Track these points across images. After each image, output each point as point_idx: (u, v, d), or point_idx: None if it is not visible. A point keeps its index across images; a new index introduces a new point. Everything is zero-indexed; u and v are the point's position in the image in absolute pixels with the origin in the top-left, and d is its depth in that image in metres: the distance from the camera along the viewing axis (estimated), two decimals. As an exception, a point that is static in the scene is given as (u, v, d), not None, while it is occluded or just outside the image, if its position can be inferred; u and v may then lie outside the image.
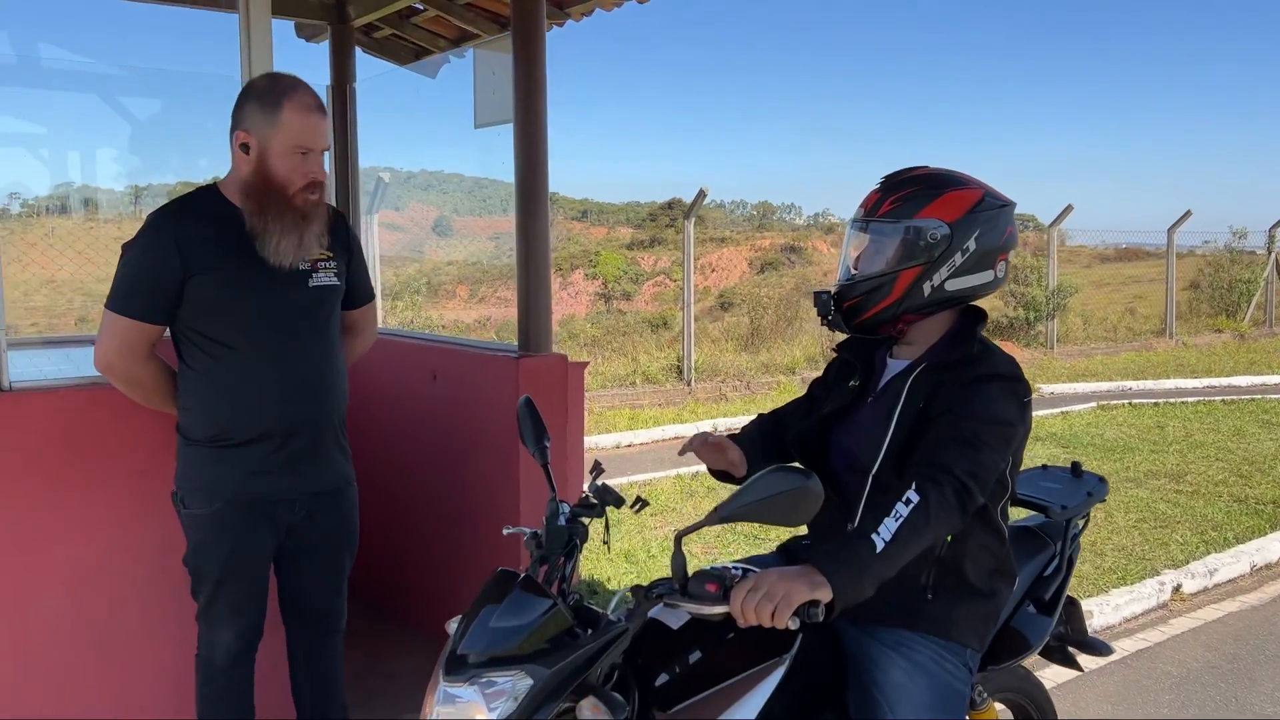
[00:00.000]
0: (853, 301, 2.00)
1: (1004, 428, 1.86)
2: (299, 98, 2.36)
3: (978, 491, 1.80)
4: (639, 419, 9.54)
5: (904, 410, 1.93)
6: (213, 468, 2.43)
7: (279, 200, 2.36)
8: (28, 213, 19.04)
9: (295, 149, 2.34)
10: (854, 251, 2.04)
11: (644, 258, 35.12)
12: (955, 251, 1.95)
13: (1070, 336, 15.50)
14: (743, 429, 2.29)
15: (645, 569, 5.13)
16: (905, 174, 2.04)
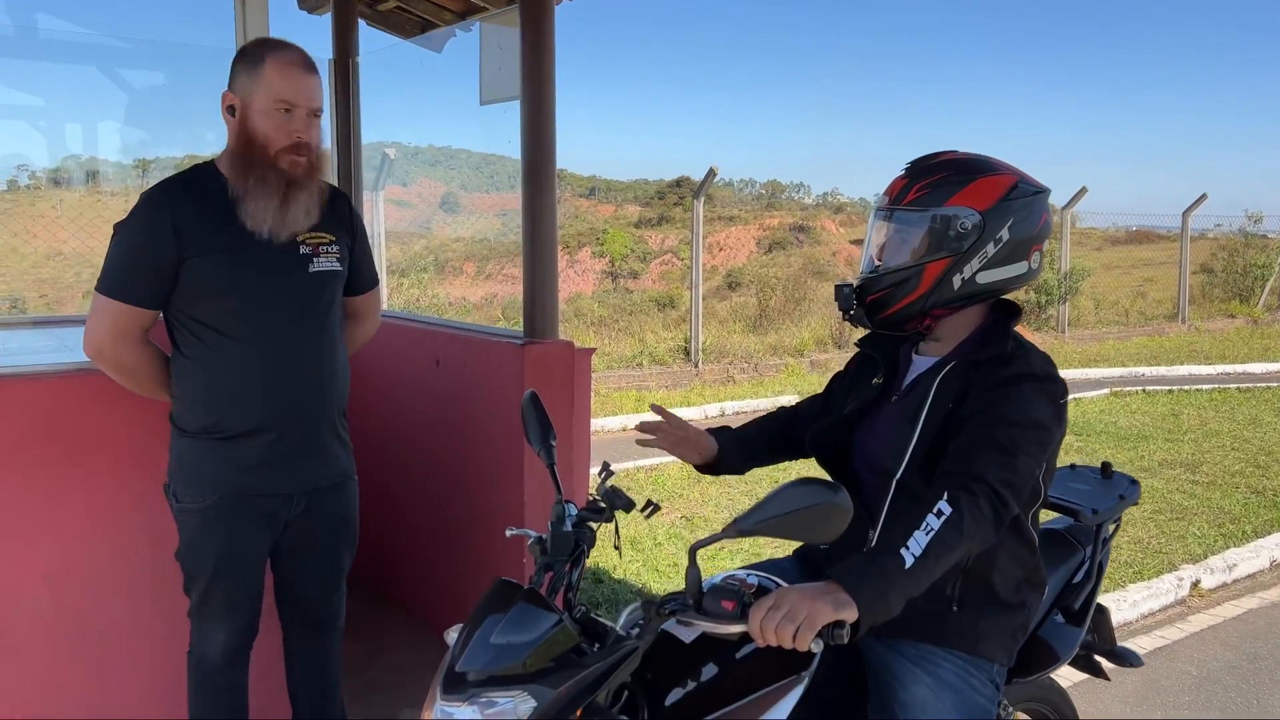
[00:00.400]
0: (877, 295, 1.88)
1: (1040, 431, 1.75)
2: (283, 53, 2.25)
3: (1013, 501, 1.69)
4: (645, 401, 9.43)
5: (931, 411, 1.82)
6: (206, 461, 2.32)
7: (260, 161, 2.24)
8: (35, 185, 18.97)
9: (277, 104, 2.22)
10: (878, 241, 1.92)
11: (651, 236, 34.93)
12: (987, 242, 1.84)
13: (1081, 320, 15.34)
14: (742, 425, 2.21)
15: (651, 557, 5.04)
16: (932, 159, 1.92)
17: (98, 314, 2.24)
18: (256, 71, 2.22)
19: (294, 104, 2.23)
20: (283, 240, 2.29)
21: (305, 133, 2.26)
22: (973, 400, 1.78)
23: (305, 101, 2.24)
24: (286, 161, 2.25)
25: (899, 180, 1.91)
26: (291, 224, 2.29)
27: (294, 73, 2.23)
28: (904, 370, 1.99)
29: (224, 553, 2.34)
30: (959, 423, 1.78)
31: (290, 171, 2.25)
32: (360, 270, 2.54)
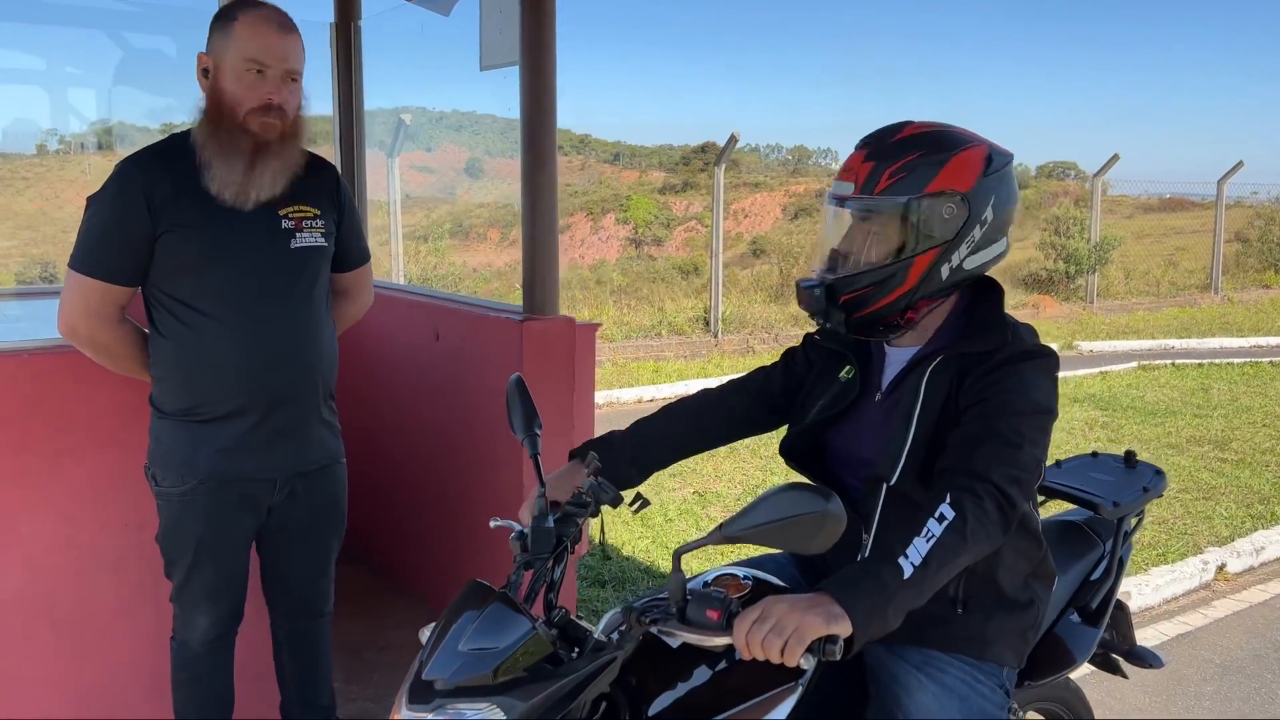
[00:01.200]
0: (854, 294, 1.70)
1: (1043, 416, 1.63)
2: (257, 11, 2.13)
3: (1020, 498, 1.56)
4: (662, 372, 9.34)
5: (924, 410, 1.68)
6: (186, 444, 2.23)
7: (229, 124, 2.12)
8: (64, 150, 19.07)
9: (248, 64, 2.10)
10: (845, 234, 1.74)
11: (676, 202, 34.68)
12: (974, 225, 1.68)
13: (1111, 290, 15.06)
14: (644, 420, 1.96)
15: (661, 534, 4.95)
16: (894, 135, 1.71)
17: (70, 291, 2.15)
18: (228, 31, 2.11)
19: (265, 64, 2.11)
20: (251, 209, 2.17)
21: (277, 94, 2.14)
22: (969, 389, 1.65)
23: (278, 62, 2.13)
24: (257, 124, 2.13)
25: (861, 164, 1.69)
26: (257, 189, 2.16)
27: (267, 30, 2.11)
28: (879, 365, 1.83)
29: (204, 538, 2.26)
30: (955, 415, 1.65)
31: (260, 134, 2.14)
32: (349, 246, 2.43)
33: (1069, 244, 14.84)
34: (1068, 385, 8.65)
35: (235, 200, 2.15)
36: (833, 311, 1.72)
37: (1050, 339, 11.31)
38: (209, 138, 2.14)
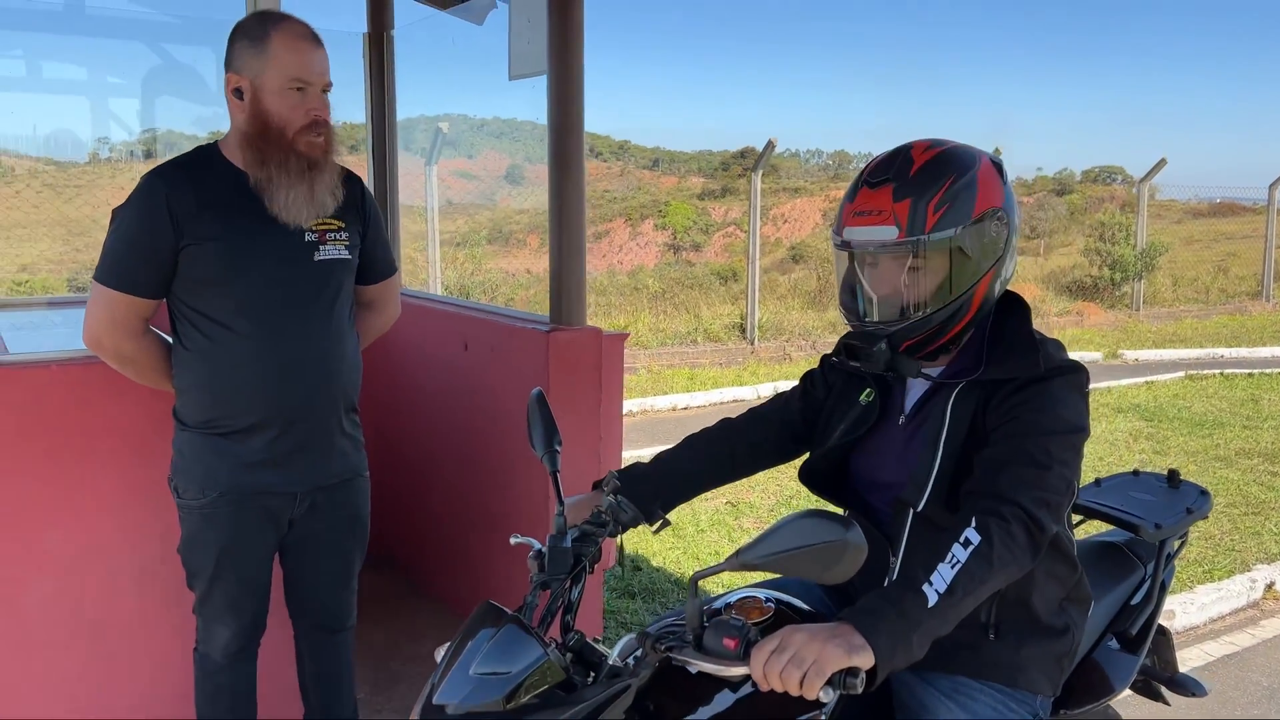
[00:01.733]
0: (920, 337, 1.64)
1: (1075, 435, 1.56)
2: (289, 27, 2.11)
3: (1049, 522, 1.50)
4: (697, 379, 9.28)
5: (950, 435, 1.62)
6: (206, 456, 2.23)
7: (281, 145, 2.11)
8: (115, 157, 19.45)
9: (291, 83, 2.09)
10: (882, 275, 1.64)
11: (715, 208, 34.57)
12: (1013, 236, 1.65)
13: (1158, 297, 14.75)
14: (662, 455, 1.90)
15: (694, 544, 4.90)
16: (912, 166, 1.62)
17: (95, 304, 2.16)
18: (263, 49, 2.08)
19: (308, 81, 2.10)
20: (289, 227, 2.18)
21: (323, 110, 2.14)
22: (996, 409, 1.59)
23: (319, 78, 2.12)
24: (304, 143, 2.12)
25: (894, 203, 1.59)
26: (319, 210, 2.18)
27: (304, 47, 2.10)
28: (899, 387, 1.77)
29: (224, 551, 2.26)
30: (982, 436, 1.60)
31: (309, 153, 2.13)
32: (374, 258, 2.41)
33: (1114, 250, 14.56)
34: (1111, 395, 8.47)
35: (303, 223, 2.16)
36: (899, 360, 1.66)
37: (1094, 347, 11.11)
38: (259, 163, 2.12)
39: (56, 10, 5.29)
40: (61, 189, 22.73)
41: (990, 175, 1.64)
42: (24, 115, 17.83)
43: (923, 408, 1.70)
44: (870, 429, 1.75)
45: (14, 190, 20.39)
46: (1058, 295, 14.86)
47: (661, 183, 40.36)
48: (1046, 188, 33.44)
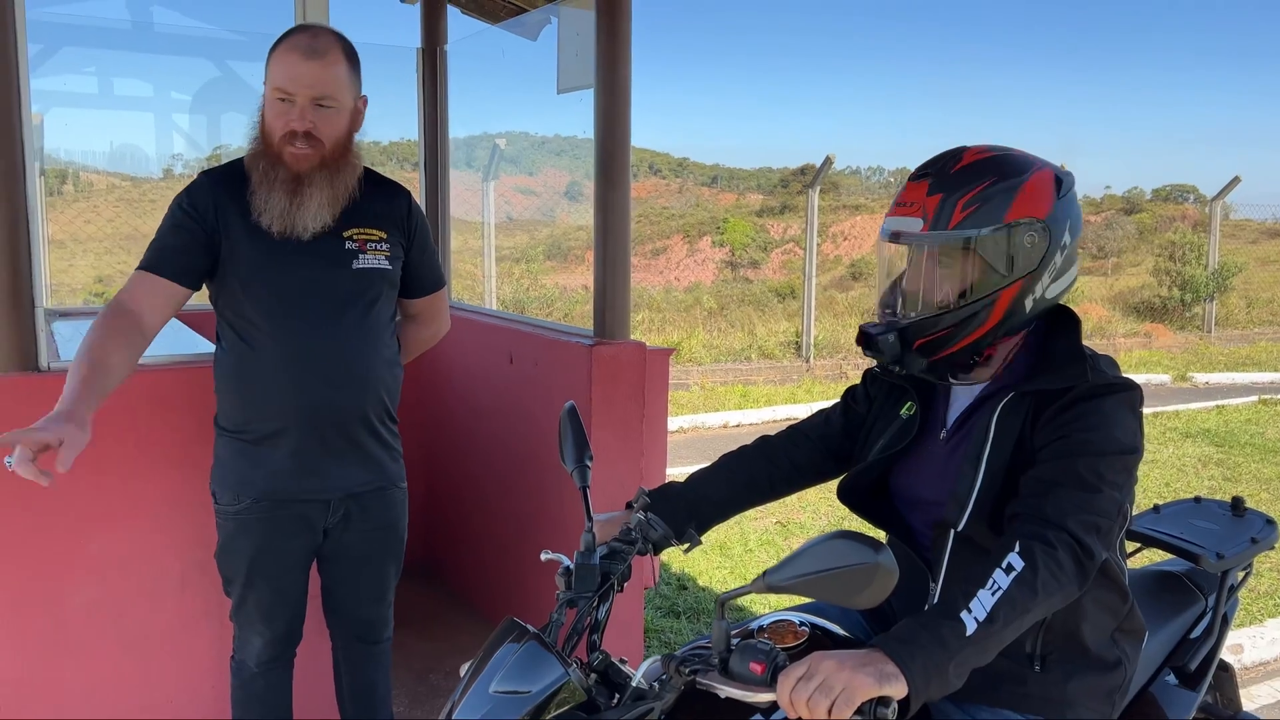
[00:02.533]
0: (934, 336, 1.58)
1: (1127, 456, 1.48)
2: (290, 40, 2.12)
3: (1098, 547, 1.42)
4: (750, 397, 9.19)
5: (994, 451, 1.55)
6: (239, 462, 2.24)
7: (269, 154, 2.14)
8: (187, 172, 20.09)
9: (276, 93, 2.10)
10: (918, 272, 1.61)
11: (773, 225, 34.41)
12: (1055, 252, 1.56)
13: (1231, 319, 14.31)
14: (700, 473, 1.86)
15: (741, 564, 4.83)
16: (955, 164, 1.58)
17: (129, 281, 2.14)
18: (268, 62, 2.13)
19: (290, 92, 2.09)
20: (328, 235, 2.18)
21: (300, 122, 2.10)
22: (1045, 427, 1.51)
23: (303, 89, 2.09)
24: (287, 154, 2.12)
25: (925, 198, 1.57)
26: (302, 223, 2.14)
27: (292, 59, 2.09)
28: (943, 400, 1.70)
29: (256, 558, 2.26)
30: (1029, 455, 1.52)
31: (292, 165, 2.12)
32: (421, 272, 2.41)
33: (1185, 270, 14.16)
34: (1180, 419, 8.21)
35: (282, 232, 2.14)
36: (909, 356, 1.60)
37: (1163, 369, 10.79)
38: (253, 169, 2.16)
39: (125, 29, 5.44)
40: (135, 203, 23.43)
41: (1041, 187, 1.57)
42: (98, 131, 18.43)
43: (965, 422, 1.64)
44: (911, 444, 1.69)
45: (91, 204, 21.07)
46: (1125, 316, 14.49)
47: (720, 199, 40.28)
48: (1115, 206, 32.69)
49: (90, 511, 2.47)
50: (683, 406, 8.64)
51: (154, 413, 2.50)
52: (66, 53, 5.06)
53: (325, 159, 2.14)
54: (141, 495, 2.52)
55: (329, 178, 2.15)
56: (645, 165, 42.48)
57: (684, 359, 10.47)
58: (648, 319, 13.54)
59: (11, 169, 2.35)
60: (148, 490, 2.52)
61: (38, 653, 2.46)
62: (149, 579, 2.56)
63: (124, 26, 5.58)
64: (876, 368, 1.80)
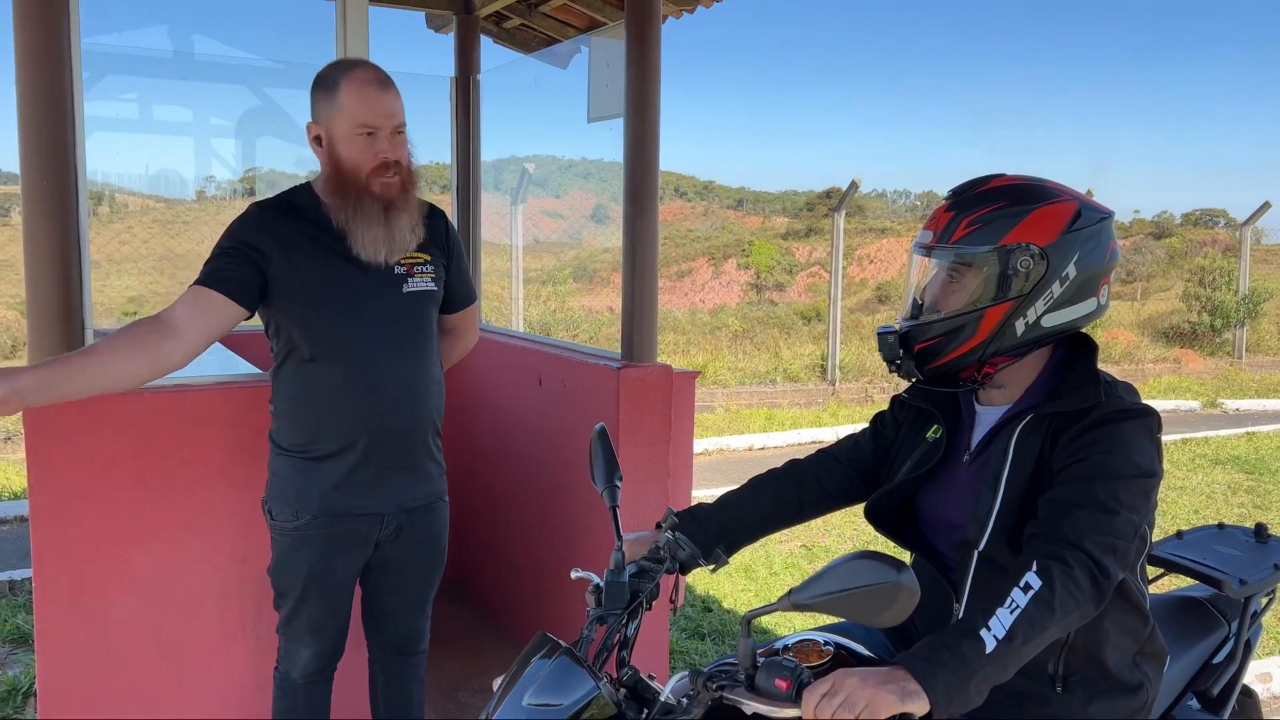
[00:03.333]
0: (926, 344, 1.66)
1: (1144, 480, 1.52)
2: (356, 74, 2.20)
3: (1116, 568, 1.47)
4: (775, 419, 9.21)
5: (1013, 473, 1.60)
6: (299, 479, 2.31)
7: (355, 188, 2.21)
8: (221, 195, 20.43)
9: (359, 129, 2.18)
10: (923, 282, 1.71)
11: (799, 248, 34.41)
12: (1053, 281, 1.61)
13: (1262, 345, 14.17)
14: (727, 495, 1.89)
15: (766, 587, 4.85)
16: (979, 186, 1.68)
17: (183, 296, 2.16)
18: (333, 98, 2.18)
19: (375, 125, 2.19)
20: (378, 264, 2.26)
21: (391, 151, 2.22)
22: (1064, 450, 1.56)
23: (386, 121, 2.20)
24: (378, 185, 2.21)
25: (943, 212, 1.68)
26: (400, 247, 2.26)
27: (370, 93, 2.18)
28: (968, 424, 1.76)
29: (312, 574, 2.33)
30: (1048, 477, 1.57)
31: (384, 194, 2.22)
32: (457, 288, 2.49)
33: (1214, 295, 14.05)
34: (1209, 445, 8.15)
35: (383, 261, 2.24)
36: (905, 360, 1.69)
37: (1192, 395, 10.70)
38: (340, 205, 2.22)
39: (166, 57, 5.59)
40: (169, 224, 23.80)
41: (1052, 218, 1.62)
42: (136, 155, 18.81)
43: (988, 445, 1.69)
44: (936, 467, 1.73)
45: (126, 225, 21.42)
46: (1154, 341, 14.38)
47: (745, 222, 40.35)
48: (1144, 230, 32.47)
49: (132, 527, 2.54)
50: (708, 429, 8.67)
51: (195, 431, 2.57)
52: (110, 80, 5.22)
53: (405, 183, 2.24)
54: (182, 511, 2.59)
55: (407, 203, 2.26)
56: (671, 188, 42.67)
57: (709, 381, 10.50)
58: (673, 341, 13.59)
59: (66, 196, 2.45)
60: (188, 506, 2.59)
61: (80, 662, 2.54)
62: (189, 594, 2.63)
63: (166, 55, 5.74)
64: (904, 392, 1.87)
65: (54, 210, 2.44)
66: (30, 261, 2.45)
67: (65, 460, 2.46)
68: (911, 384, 1.79)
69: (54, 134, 2.43)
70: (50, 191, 2.43)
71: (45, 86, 2.41)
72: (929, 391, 1.79)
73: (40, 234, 2.44)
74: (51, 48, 2.41)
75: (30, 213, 2.44)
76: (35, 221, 2.44)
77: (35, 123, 2.41)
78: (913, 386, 1.81)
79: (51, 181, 2.43)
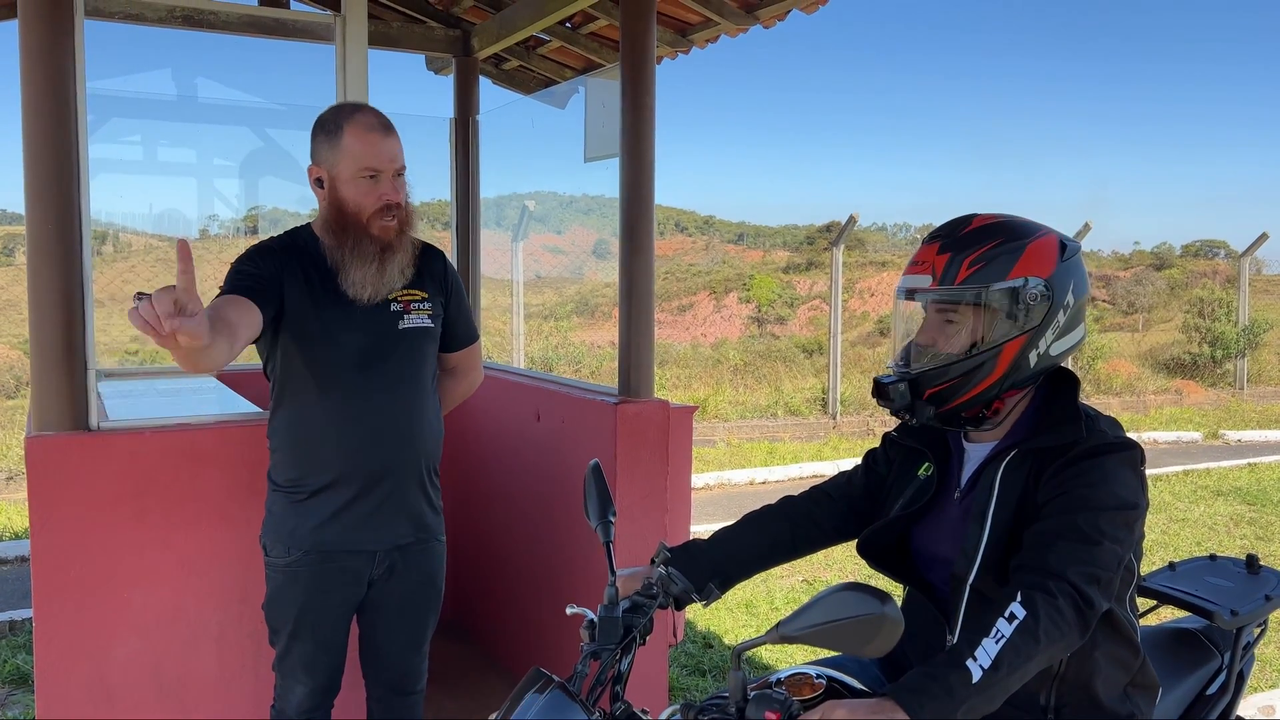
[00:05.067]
0: (942, 386, 1.67)
1: (1126, 512, 1.55)
2: (360, 118, 2.25)
3: (1099, 598, 1.49)
4: (776, 453, 9.21)
5: (999, 507, 1.63)
6: (291, 515, 2.33)
7: (355, 229, 2.26)
8: (224, 234, 20.62)
9: (362, 172, 2.23)
10: (923, 327, 1.72)
11: (799, 281, 34.53)
12: (1058, 310, 1.66)
13: (1264, 376, 14.18)
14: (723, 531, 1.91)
15: (767, 622, 4.83)
16: (964, 228, 1.71)
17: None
18: (337, 142, 2.23)
19: (378, 169, 2.24)
20: (365, 302, 2.30)
21: (393, 194, 2.27)
22: (1048, 484, 1.59)
23: (388, 165, 2.25)
24: (378, 227, 2.26)
25: (935, 257, 1.69)
26: (389, 285, 2.31)
27: (373, 138, 2.24)
28: (957, 461, 1.78)
29: (303, 610, 2.34)
30: (1032, 511, 1.59)
31: (382, 236, 2.27)
32: (457, 327, 2.53)
33: (1214, 326, 14.08)
34: (1211, 477, 8.14)
35: (367, 299, 2.27)
36: (919, 405, 1.69)
37: (1194, 427, 10.70)
38: (338, 244, 2.27)
39: (170, 100, 5.69)
40: (173, 264, 23.86)
41: (1045, 250, 1.67)
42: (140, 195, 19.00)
43: (977, 481, 1.71)
44: (929, 504, 1.75)
45: (130, 265, 21.56)
46: (1155, 373, 14.40)
47: (746, 256, 40.52)
48: (1144, 262, 32.58)
49: (132, 566, 2.56)
50: (709, 463, 8.68)
51: (195, 470, 2.60)
52: (115, 123, 5.31)
53: (403, 225, 2.30)
54: (182, 550, 2.61)
55: (402, 243, 2.31)
56: (671, 223, 42.88)
57: (710, 415, 10.52)
58: (674, 375, 13.63)
59: (69, 237, 2.49)
60: (187, 545, 2.61)
61: (80, 702, 2.54)
62: (188, 633, 2.64)
63: (170, 98, 5.84)
64: (894, 430, 1.88)
65: (58, 251, 2.48)
66: (34, 302, 2.49)
67: (67, 500, 2.49)
68: (903, 423, 1.81)
69: (59, 176, 2.48)
70: (54, 233, 2.47)
71: (51, 129, 2.46)
72: (920, 430, 1.81)
73: (44, 275, 2.48)
74: (57, 92, 2.47)
75: (34, 253, 2.49)
76: (39, 262, 2.48)
77: (40, 165, 2.47)
78: (903, 425, 1.83)
79: (55, 223, 2.47)
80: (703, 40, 3.94)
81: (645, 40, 3.01)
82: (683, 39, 3.95)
